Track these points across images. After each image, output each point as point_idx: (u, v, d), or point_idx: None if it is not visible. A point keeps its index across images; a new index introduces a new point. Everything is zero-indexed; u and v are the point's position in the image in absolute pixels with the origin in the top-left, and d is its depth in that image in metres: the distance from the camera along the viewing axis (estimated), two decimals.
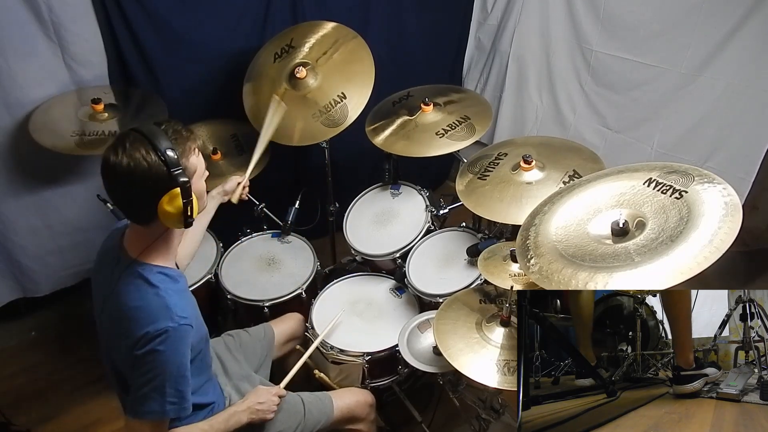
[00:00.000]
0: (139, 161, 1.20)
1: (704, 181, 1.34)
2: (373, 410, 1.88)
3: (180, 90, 2.46)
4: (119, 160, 1.20)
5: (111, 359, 1.40)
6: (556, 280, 1.31)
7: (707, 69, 2.38)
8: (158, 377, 1.26)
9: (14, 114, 2.19)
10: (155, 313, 1.26)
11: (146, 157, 1.21)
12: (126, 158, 1.20)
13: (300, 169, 2.95)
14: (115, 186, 1.25)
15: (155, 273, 1.32)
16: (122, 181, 1.22)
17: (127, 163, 1.20)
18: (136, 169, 1.20)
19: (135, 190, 1.23)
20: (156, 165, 1.22)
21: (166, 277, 1.34)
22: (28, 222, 2.41)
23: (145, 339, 1.24)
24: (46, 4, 2.07)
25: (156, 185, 1.23)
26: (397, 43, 2.94)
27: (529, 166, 2.01)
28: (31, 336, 2.71)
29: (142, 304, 1.28)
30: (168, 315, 1.26)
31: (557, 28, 2.87)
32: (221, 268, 2.28)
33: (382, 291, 2.23)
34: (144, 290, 1.29)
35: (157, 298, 1.29)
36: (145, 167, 1.21)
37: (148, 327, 1.24)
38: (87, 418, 2.33)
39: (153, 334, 1.24)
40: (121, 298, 1.30)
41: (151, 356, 1.25)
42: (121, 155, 1.21)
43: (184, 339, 1.29)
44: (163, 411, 1.29)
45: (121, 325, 1.29)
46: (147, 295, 1.29)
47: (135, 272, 1.31)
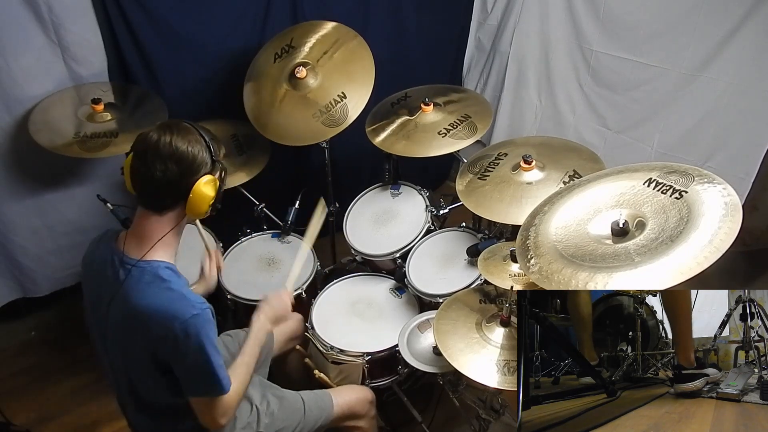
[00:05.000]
0: (192, 142, 1.29)
1: (704, 181, 1.34)
2: (373, 407, 1.88)
3: (180, 90, 2.46)
4: (167, 139, 1.27)
5: (120, 361, 1.40)
6: (556, 280, 1.31)
7: (707, 69, 2.38)
8: (202, 359, 1.30)
9: (14, 114, 2.19)
10: (176, 306, 1.28)
11: (195, 141, 1.30)
12: (175, 137, 1.28)
13: (300, 169, 2.95)
14: (155, 164, 1.27)
15: (163, 268, 1.33)
16: (166, 158, 1.27)
17: (175, 142, 1.27)
18: (188, 149, 1.28)
19: (178, 167, 1.28)
20: (203, 149, 1.31)
21: (173, 273, 1.35)
22: (28, 222, 2.41)
23: (175, 333, 1.26)
24: (46, 4, 2.07)
25: (199, 167, 1.31)
26: (397, 43, 2.94)
27: (529, 166, 2.01)
28: (31, 336, 2.71)
29: (158, 300, 1.29)
30: (189, 304, 1.29)
31: (557, 28, 2.87)
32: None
33: (382, 291, 2.23)
34: (157, 286, 1.30)
35: (172, 292, 1.30)
36: (195, 151, 1.30)
37: (173, 322, 1.26)
38: (87, 418, 2.33)
39: (182, 326, 1.26)
40: (132, 298, 1.29)
41: (189, 344, 1.27)
42: (168, 135, 1.28)
43: (210, 320, 1.33)
44: (221, 387, 1.34)
45: (136, 324, 1.29)
46: (161, 291, 1.30)
47: (143, 270, 1.31)
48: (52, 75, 2.20)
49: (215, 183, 1.34)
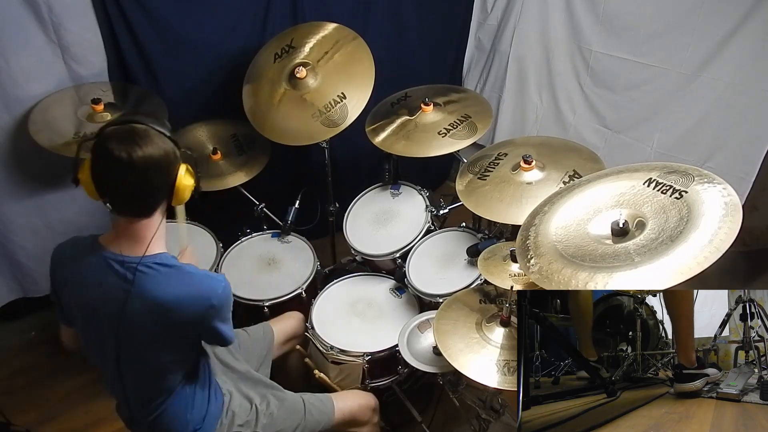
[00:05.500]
0: (160, 146, 1.25)
1: (704, 181, 1.34)
2: (375, 414, 1.87)
3: (180, 90, 2.46)
4: (138, 153, 1.21)
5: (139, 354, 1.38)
6: (556, 280, 1.31)
7: (707, 69, 2.38)
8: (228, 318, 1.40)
9: (14, 114, 2.19)
10: (205, 286, 1.33)
11: (161, 143, 1.26)
12: (145, 147, 1.22)
13: (300, 169, 2.95)
14: (133, 180, 1.24)
15: (169, 257, 1.35)
16: (143, 173, 1.24)
17: (149, 154, 1.23)
18: (161, 154, 1.25)
19: (161, 175, 1.27)
20: (170, 146, 1.28)
21: (175, 258, 1.37)
22: (28, 222, 2.41)
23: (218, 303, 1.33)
24: (46, 4, 2.06)
25: (174, 164, 1.30)
26: (397, 43, 2.94)
27: (529, 166, 2.01)
28: (31, 336, 2.71)
29: (185, 288, 1.31)
30: (213, 279, 1.35)
31: (557, 28, 2.87)
32: (221, 268, 2.27)
33: (382, 291, 2.23)
34: (176, 276, 1.32)
35: (193, 276, 1.33)
36: (164, 152, 1.26)
37: (210, 300, 1.32)
38: (87, 418, 2.33)
39: (217, 300, 1.32)
40: (153, 292, 1.28)
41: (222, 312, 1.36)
42: (136, 148, 1.21)
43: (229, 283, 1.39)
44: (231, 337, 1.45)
45: (165, 316, 1.30)
46: (182, 278, 1.32)
47: (151, 266, 1.30)
48: (52, 75, 2.20)
49: (189, 168, 1.34)
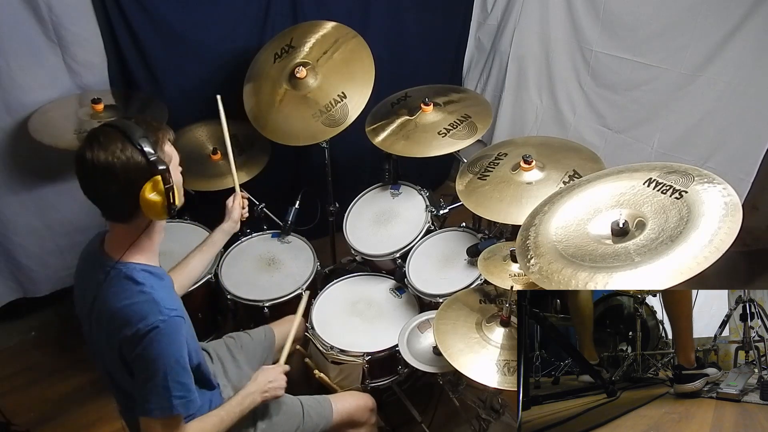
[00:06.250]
0: (117, 154, 1.20)
1: (704, 181, 1.33)
2: (373, 415, 1.87)
3: (180, 90, 2.46)
4: (96, 156, 1.19)
5: (102, 361, 1.39)
6: (556, 280, 1.31)
7: (707, 69, 2.38)
8: (158, 372, 1.25)
9: (14, 114, 2.19)
10: (144, 310, 1.25)
11: (124, 149, 1.20)
12: (103, 153, 1.19)
13: (300, 169, 2.95)
14: (94, 183, 1.23)
15: (139, 271, 1.31)
16: (101, 177, 1.21)
17: (105, 158, 1.19)
18: (116, 162, 1.20)
19: (115, 184, 1.22)
20: (134, 155, 1.21)
21: (150, 275, 1.32)
22: (28, 222, 2.42)
23: (137, 336, 1.23)
24: (46, 5, 2.07)
25: (136, 175, 1.22)
26: (397, 43, 2.94)
27: (529, 166, 2.01)
28: (31, 336, 2.71)
29: (128, 303, 1.26)
30: (157, 309, 1.25)
31: (557, 28, 2.87)
32: (221, 268, 2.28)
33: (382, 291, 2.23)
34: (130, 289, 1.28)
35: (143, 295, 1.27)
36: (124, 159, 1.20)
37: (138, 324, 1.23)
38: (87, 418, 2.33)
39: (144, 330, 1.22)
40: (108, 301, 1.28)
41: (147, 353, 1.23)
42: (97, 151, 1.19)
43: (178, 330, 1.28)
44: (170, 406, 1.27)
45: (110, 327, 1.27)
46: (133, 294, 1.27)
47: (119, 273, 1.29)
48: (52, 75, 2.21)
49: (158, 184, 1.24)
